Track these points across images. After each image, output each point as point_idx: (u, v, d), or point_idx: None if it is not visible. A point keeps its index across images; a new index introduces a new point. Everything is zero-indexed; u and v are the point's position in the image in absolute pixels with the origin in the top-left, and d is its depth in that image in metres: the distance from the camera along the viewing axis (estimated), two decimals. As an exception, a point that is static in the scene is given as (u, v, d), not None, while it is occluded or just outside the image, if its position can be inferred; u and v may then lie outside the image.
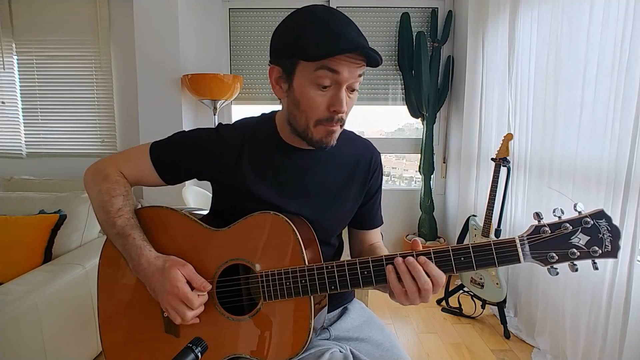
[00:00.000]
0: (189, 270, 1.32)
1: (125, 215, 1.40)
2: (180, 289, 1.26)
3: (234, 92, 4.33)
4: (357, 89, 1.31)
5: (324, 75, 1.21)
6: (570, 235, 1.10)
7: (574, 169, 2.77)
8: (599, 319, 2.55)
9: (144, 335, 1.44)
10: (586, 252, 1.09)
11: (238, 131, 1.48)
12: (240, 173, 1.43)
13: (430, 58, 4.70)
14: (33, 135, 4.87)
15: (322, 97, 1.25)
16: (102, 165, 1.51)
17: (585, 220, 1.09)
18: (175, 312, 1.28)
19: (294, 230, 1.31)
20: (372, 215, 1.66)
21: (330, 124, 1.29)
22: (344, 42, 1.17)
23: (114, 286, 1.49)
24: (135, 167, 1.49)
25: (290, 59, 1.26)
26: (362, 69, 1.25)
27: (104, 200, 1.42)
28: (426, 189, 4.89)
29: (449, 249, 1.17)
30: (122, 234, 1.37)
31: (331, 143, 1.34)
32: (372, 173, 1.58)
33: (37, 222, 2.94)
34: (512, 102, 3.56)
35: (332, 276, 1.25)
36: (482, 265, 1.15)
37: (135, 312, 1.45)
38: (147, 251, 1.35)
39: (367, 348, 1.50)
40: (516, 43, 3.49)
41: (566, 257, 1.10)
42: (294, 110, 1.32)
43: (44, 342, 2.35)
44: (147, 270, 1.32)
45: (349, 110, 1.32)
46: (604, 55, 2.52)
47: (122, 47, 4.67)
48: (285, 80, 1.31)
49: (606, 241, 1.08)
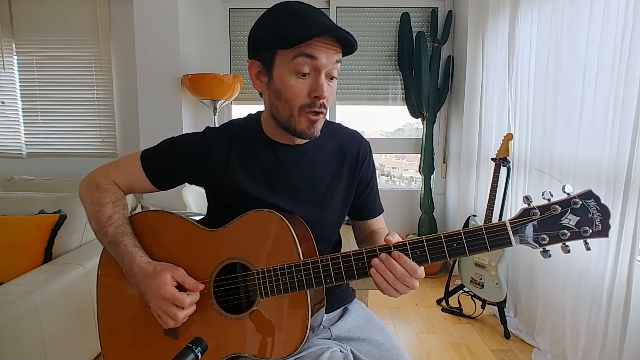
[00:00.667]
0: (181, 273, 1.35)
1: (116, 223, 1.42)
2: (167, 291, 1.28)
3: (234, 92, 4.33)
4: (336, 77, 1.34)
5: (303, 62, 1.25)
6: (560, 216, 1.11)
7: (574, 169, 2.77)
8: (599, 319, 2.55)
9: (143, 338, 1.45)
10: (577, 232, 1.09)
11: (225, 132, 1.50)
12: (230, 173, 1.45)
13: (430, 58, 4.70)
14: (33, 135, 4.86)
15: (303, 85, 1.28)
16: (94, 175, 1.53)
17: (574, 201, 1.09)
18: (166, 315, 1.30)
19: (288, 227, 1.32)
20: (370, 204, 1.66)
21: (312, 110, 1.31)
22: (319, 24, 1.22)
23: (113, 290, 1.50)
24: (127, 174, 1.51)
25: (269, 51, 1.29)
26: (339, 55, 1.29)
27: (95, 210, 1.44)
28: (426, 189, 4.90)
29: (440, 236, 1.17)
30: (114, 242, 1.39)
31: (315, 133, 1.35)
32: (362, 163, 1.58)
33: (37, 222, 2.94)
34: (512, 102, 3.56)
35: (327, 269, 1.26)
36: (474, 250, 1.15)
37: (134, 315, 1.46)
38: (139, 257, 1.37)
39: (368, 348, 1.51)
40: (516, 43, 3.50)
41: (557, 238, 1.11)
42: (275, 101, 1.34)
43: (44, 342, 2.35)
44: (138, 276, 1.34)
45: (330, 97, 1.34)
46: (604, 55, 2.52)
47: (122, 47, 4.67)
48: (265, 73, 1.34)
49: (596, 221, 1.09)
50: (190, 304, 1.32)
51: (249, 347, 1.34)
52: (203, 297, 1.37)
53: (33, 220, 2.94)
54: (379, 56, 4.94)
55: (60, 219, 3.01)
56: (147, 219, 1.50)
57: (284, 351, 1.30)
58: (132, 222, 1.48)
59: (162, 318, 1.31)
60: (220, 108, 4.46)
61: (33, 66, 4.74)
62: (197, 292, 1.34)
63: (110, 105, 4.76)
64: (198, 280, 1.37)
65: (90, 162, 4.67)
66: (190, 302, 1.31)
